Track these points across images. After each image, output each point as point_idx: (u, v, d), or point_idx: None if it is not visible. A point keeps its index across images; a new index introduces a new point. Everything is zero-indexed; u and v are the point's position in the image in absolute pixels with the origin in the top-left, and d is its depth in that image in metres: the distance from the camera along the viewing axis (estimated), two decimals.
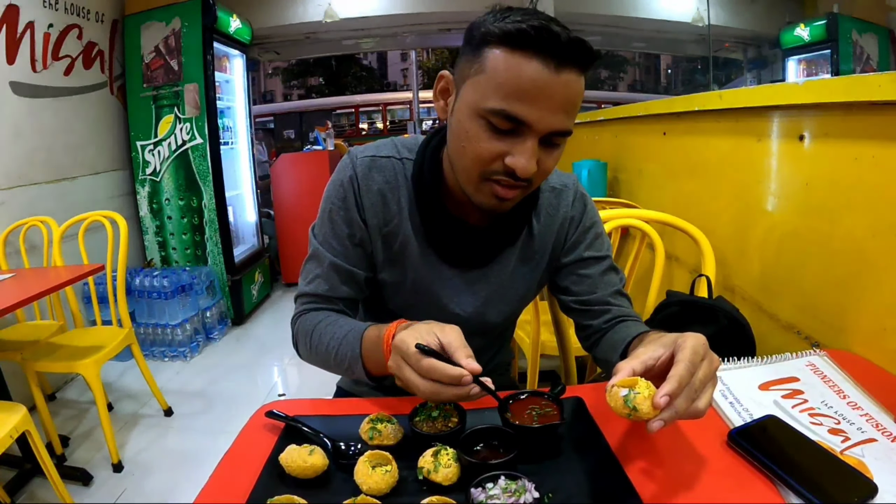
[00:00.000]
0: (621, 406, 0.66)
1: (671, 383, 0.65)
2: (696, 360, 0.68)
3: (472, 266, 1.03)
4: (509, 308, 1.09)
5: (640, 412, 0.65)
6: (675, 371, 0.66)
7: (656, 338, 0.78)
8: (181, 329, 3.36)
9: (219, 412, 2.81)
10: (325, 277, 1.01)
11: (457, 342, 0.74)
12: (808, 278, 1.28)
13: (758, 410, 0.87)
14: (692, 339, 0.71)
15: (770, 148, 1.42)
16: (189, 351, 3.40)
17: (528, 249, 1.05)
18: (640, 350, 0.74)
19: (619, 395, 0.67)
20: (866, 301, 1.10)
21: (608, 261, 1.08)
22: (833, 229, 1.19)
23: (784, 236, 1.38)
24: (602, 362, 1.06)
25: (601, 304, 1.05)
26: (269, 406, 0.94)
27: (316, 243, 1.02)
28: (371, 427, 0.81)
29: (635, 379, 0.68)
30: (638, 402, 0.65)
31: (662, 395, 0.64)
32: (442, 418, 0.82)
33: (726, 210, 1.66)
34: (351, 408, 0.95)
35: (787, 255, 1.36)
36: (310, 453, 0.74)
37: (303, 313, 1.04)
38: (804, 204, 1.29)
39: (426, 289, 1.03)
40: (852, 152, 1.12)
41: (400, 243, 1.00)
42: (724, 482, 0.74)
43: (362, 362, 0.90)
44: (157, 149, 3.74)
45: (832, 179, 1.19)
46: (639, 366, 0.71)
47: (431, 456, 0.73)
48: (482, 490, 0.66)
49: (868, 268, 1.09)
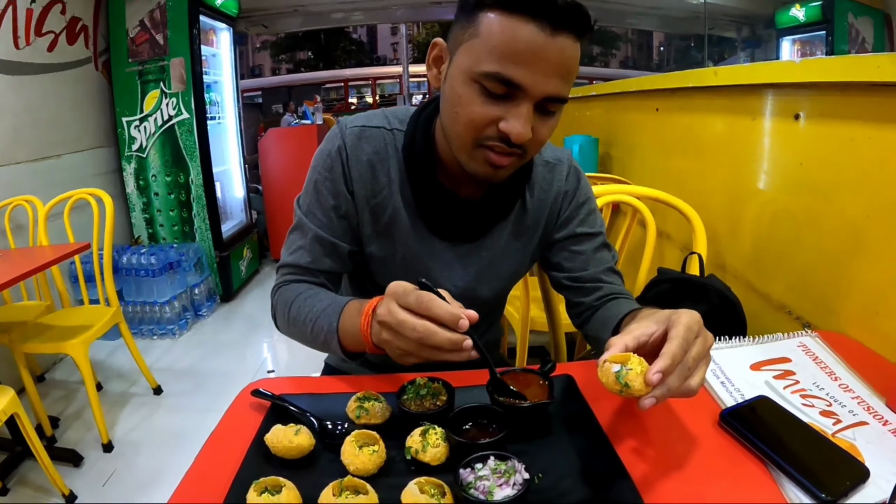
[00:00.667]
0: (613, 382, 0.65)
1: (664, 360, 0.63)
2: (689, 338, 0.67)
3: (463, 240, 1.01)
4: (501, 283, 1.08)
5: (632, 389, 0.63)
6: (669, 348, 0.65)
7: (649, 314, 0.76)
8: (169, 307, 3.33)
9: (208, 390, 2.80)
10: (308, 249, 0.99)
11: (450, 297, 0.72)
12: (801, 258, 1.27)
13: (749, 391, 0.87)
14: (686, 315, 0.69)
15: (764, 126, 1.41)
16: (178, 328, 3.38)
17: (520, 224, 1.03)
18: (632, 326, 0.73)
19: (611, 370, 0.65)
20: (859, 283, 1.10)
21: (601, 237, 1.07)
22: (827, 210, 1.18)
23: (777, 215, 1.37)
24: (593, 340, 1.05)
25: (593, 282, 1.04)
26: (255, 384, 0.92)
27: (300, 214, 1.00)
28: (358, 406, 0.80)
29: (628, 355, 0.67)
30: (630, 379, 0.64)
31: (655, 372, 0.62)
32: (430, 397, 0.81)
33: (719, 188, 1.65)
34: (338, 386, 0.93)
35: (780, 234, 1.35)
36: (296, 433, 0.73)
37: (283, 284, 1.02)
38: (798, 184, 1.28)
39: (416, 263, 1.01)
40: (848, 133, 1.10)
41: (389, 216, 0.98)
42: (716, 462, 0.73)
43: (338, 337, 0.87)
44: (142, 125, 3.67)
45: (827, 159, 1.18)
46: (631, 341, 0.69)
47: (419, 436, 0.72)
48: (471, 471, 0.65)
49: (861, 249, 1.08)
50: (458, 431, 0.75)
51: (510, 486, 0.62)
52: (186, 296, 3.52)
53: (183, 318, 3.44)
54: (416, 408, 0.79)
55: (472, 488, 0.62)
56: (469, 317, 0.68)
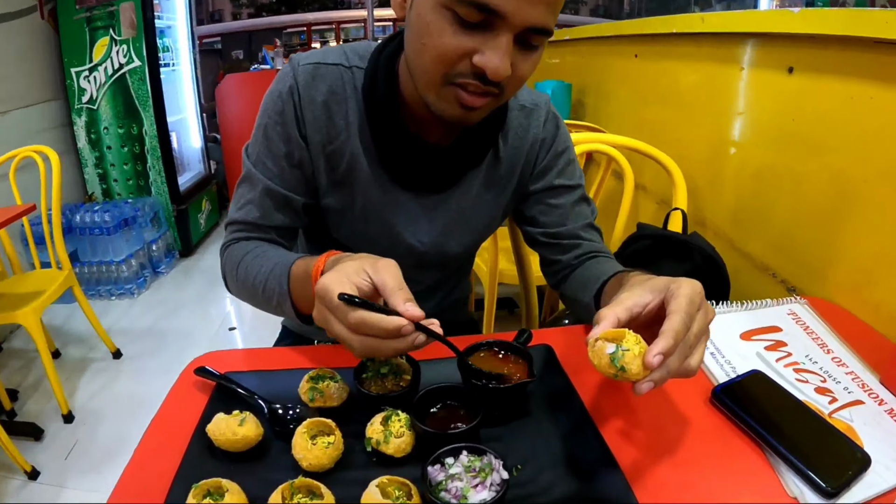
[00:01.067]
0: (607, 365, 0.56)
1: (666, 339, 0.55)
2: (692, 312, 0.59)
3: (430, 191, 0.92)
4: (471, 238, 1.00)
5: (629, 373, 0.55)
6: (670, 324, 0.56)
7: (642, 280, 0.67)
8: (126, 265, 3.18)
9: (169, 350, 2.71)
10: (257, 203, 0.89)
11: (393, 282, 0.62)
12: (788, 219, 1.21)
13: (741, 363, 0.81)
14: (687, 286, 0.60)
15: (754, 78, 1.33)
16: (136, 287, 3.24)
17: (493, 173, 0.94)
18: (624, 295, 0.63)
19: (605, 351, 0.57)
20: (851, 249, 1.04)
21: (580, 190, 0.99)
22: (819, 170, 1.11)
23: (763, 172, 1.30)
24: (570, 301, 0.98)
25: (571, 238, 0.96)
26: (200, 360, 0.84)
27: (249, 164, 0.90)
28: (311, 387, 0.71)
29: (622, 332, 0.58)
30: (627, 362, 0.55)
31: (656, 354, 0.54)
32: (392, 376, 0.72)
33: (700, 140, 1.57)
34: (292, 359, 0.84)
35: (766, 192, 1.29)
36: (240, 423, 0.64)
37: (231, 243, 0.93)
38: (788, 140, 1.21)
39: (377, 216, 0.92)
40: (847, 90, 1.03)
41: (347, 164, 0.88)
42: (710, 446, 0.68)
43: (291, 300, 0.78)
44: (92, 75, 3.44)
45: (822, 117, 1.11)
46: (624, 313, 0.60)
47: (381, 423, 0.64)
48: (441, 468, 0.57)
49: (855, 214, 1.02)
50: (426, 416, 0.67)
51: (486, 487, 0.55)
52: (144, 253, 3.37)
53: (141, 276, 3.30)
54: (376, 389, 0.71)
55: (442, 490, 0.55)
56: (412, 317, 0.60)
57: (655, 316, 0.62)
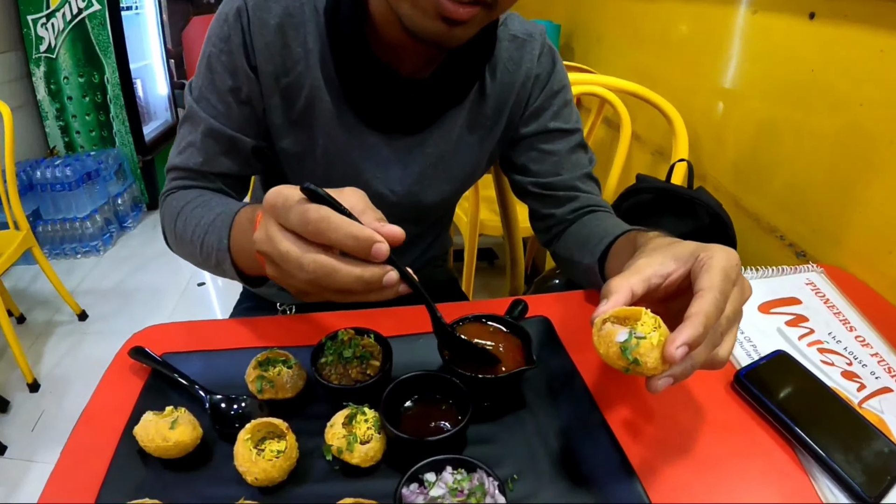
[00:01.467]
0: (616, 355, 0.45)
1: (694, 326, 0.43)
2: (727, 290, 0.47)
3: (404, 132, 0.80)
4: (451, 187, 0.88)
5: (644, 367, 0.44)
6: (700, 306, 0.45)
7: (663, 244, 0.54)
8: (91, 221, 3.02)
9: (136, 309, 2.59)
10: (199, 146, 0.77)
11: (359, 204, 0.50)
12: (800, 178, 1.11)
13: (762, 341, 0.72)
14: (722, 255, 0.48)
15: (768, 22, 1.20)
16: (102, 244, 3.09)
17: (478, 112, 0.82)
18: (641, 262, 0.51)
19: (615, 338, 0.45)
20: (872, 214, 0.94)
21: (578, 136, 0.87)
22: (840, 127, 1.01)
23: (774, 125, 1.19)
24: (564, 261, 0.87)
25: (566, 189, 0.86)
26: (138, 337, 0.72)
27: (191, 100, 0.78)
28: (259, 375, 0.59)
29: (637, 310, 0.46)
30: (642, 353, 0.44)
31: (680, 345, 0.43)
32: (357, 362, 0.60)
33: (704, 88, 1.45)
34: (244, 335, 0.72)
35: (777, 147, 1.18)
36: (172, 426, 0.52)
37: (170, 192, 0.81)
38: (805, 92, 1.09)
39: (342, 161, 0.80)
40: (878, 43, 0.92)
41: (305, 99, 0.76)
42: (733, 440, 0.59)
43: (231, 257, 0.66)
44: (50, 21, 3.20)
45: (846, 70, 0.99)
46: (640, 286, 0.49)
47: (343, 425, 0.52)
48: (419, 488, 0.47)
49: (879, 178, 0.92)
50: (399, 412, 0.56)
51: None
52: (109, 207, 3.20)
53: (107, 232, 3.15)
54: (338, 378, 0.59)
55: None
56: (390, 235, 0.47)
57: (678, 289, 0.51)
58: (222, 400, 0.59)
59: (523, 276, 1.51)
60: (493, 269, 2.59)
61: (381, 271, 0.47)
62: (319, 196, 0.46)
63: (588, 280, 0.79)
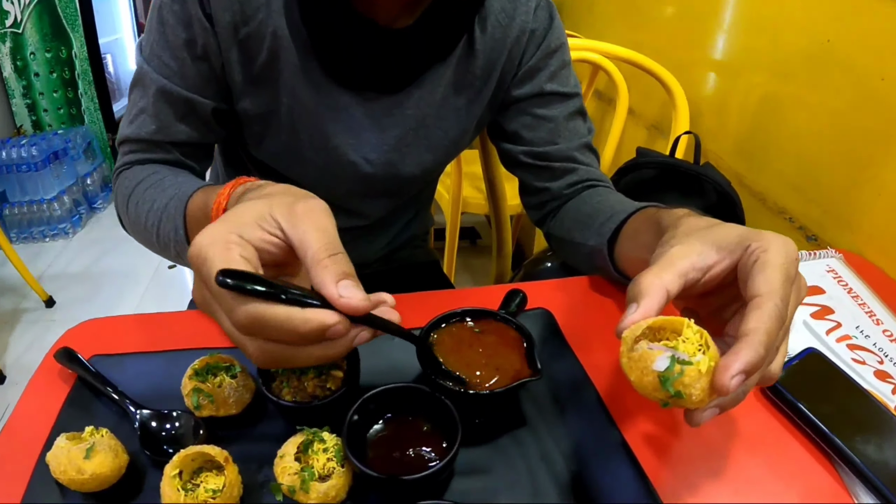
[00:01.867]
0: (653, 386, 0.35)
1: (753, 348, 0.34)
2: (788, 296, 0.38)
3: (380, 90, 0.71)
4: (433, 156, 0.79)
5: (687, 399, 0.34)
6: (760, 321, 0.36)
7: (699, 227, 0.44)
8: (59, 203, 2.90)
9: (105, 295, 2.50)
10: (152, 112, 0.68)
11: (318, 244, 0.39)
12: (811, 156, 1.03)
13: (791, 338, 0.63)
14: (779, 247, 0.39)
15: None
16: (70, 226, 2.97)
17: (465, 71, 0.73)
18: (675, 251, 0.41)
19: (653, 365, 0.35)
20: (891, 197, 0.87)
21: (577, 101, 0.79)
22: (857, 102, 0.93)
23: (783, 100, 1.11)
24: (561, 243, 0.78)
25: (563, 160, 0.78)
26: (68, 336, 0.63)
27: (141, 60, 0.68)
28: (195, 388, 0.48)
29: (677, 321, 0.37)
30: (687, 383, 0.34)
31: (736, 374, 0.34)
32: (315, 372, 0.49)
33: (704, 60, 1.36)
34: (193, 332, 0.62)
35: (785, 122, 1.10)
36: (86, 454, 0.43)
37: (123, 169, 0.72)
38: (820, 65, 1.01)
39: (309, 124, 0.71)
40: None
41: (268, 52, 0.67)
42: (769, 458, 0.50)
43: None
44: None
45: (866, 41, 0.91)
46: (675, 282, 0.39)
47: (295, 457, 0.42)
48: None
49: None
50: (367, 439, 0.46)
51: None
52: (78, 188, 3.07)
53: (76, 213, 3.02)
54: (291, 393, 0.48)
55: None
56: (349, 308, 0.37)
57: (719, 284, 0.42)
58: (153, 417, 0.49)
59: (511, 258, 1.42)
60: (475, 249, 2.51)
61: (345, 342, 0.39)
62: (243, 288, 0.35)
63: (592, 264, 0.70)
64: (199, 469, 0.43)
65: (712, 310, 0.42)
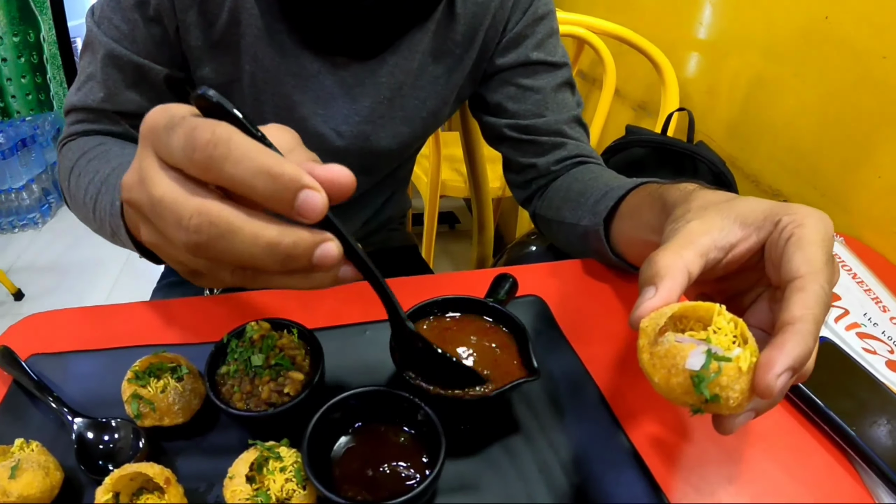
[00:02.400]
0: (683, 389, 0.30)
1: (802, 338, 0.30)
2: (832, 277, 0.33)
3: (352, 56, 0.66)
4: (410, 129, 0.74)
5: (725, 404, 0.29)
6: (806, 306, 0.30)
7: (717, 200, 0.39)
8: (27, 191, 2.82)
9: (77, 285, 2.45)
10: (100, 78, 0.63)
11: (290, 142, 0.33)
12: (807, 138, 1.00)
13: None
14: (816, 222, 0.34)
15: None
16: (40, 216, 2.89)
17: (445, 37, 0.69)
18: (694, 226, 0.36)
19: (686, 364, 0.29)
20: (893, 181, 0.84)
21: (566, 71, 0.75)
22: (856, 82, 0.89)
23: (779, 79, 1.07)
24: (549, 223, 0.73)
25: (551, 134, 0.73)
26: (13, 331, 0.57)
27: (91, 23, 0.63)
28: (134, 393, 0.42)
29: (708, 307, 0.31)
30: (724, 385, 0.29)
31: (783, 371, 0.29)
32: (271, 374, 0.43)
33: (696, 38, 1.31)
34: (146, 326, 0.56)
35: (780, 102, 1.06)
36: (12, 473, 0.37)
37: (67, 140, 0.67)
38: (816, 43, 0.98)
39: (273, 93, 0.66)
40: None
41: (229, 14, 0.62)
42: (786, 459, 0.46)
43: (123, 221, 0.47)
44: None
45: (867, 18, 0.88)
46: (696, 262, 0.34)
47: (247, 478, 0.36)
48: None
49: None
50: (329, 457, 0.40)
51: None
52: (47, 176, 2.99)
53: (45, 202, 2.95)
54: (243, 399, 0.42)
55: None
56: (329, 180, 0.29)
57: (741, 265, 0.37)
58: (89, 427, 0.43)
59: (492, 242, 1.37)
60: (454, 234, 2.46)
61: (310, 238, 0.29)
62: (223, 111, 0.29)
63: (585, 247, 0.65)
64: (141, 490, 0.37)
65: (729, 296, 0.37)
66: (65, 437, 0.44)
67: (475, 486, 0.41)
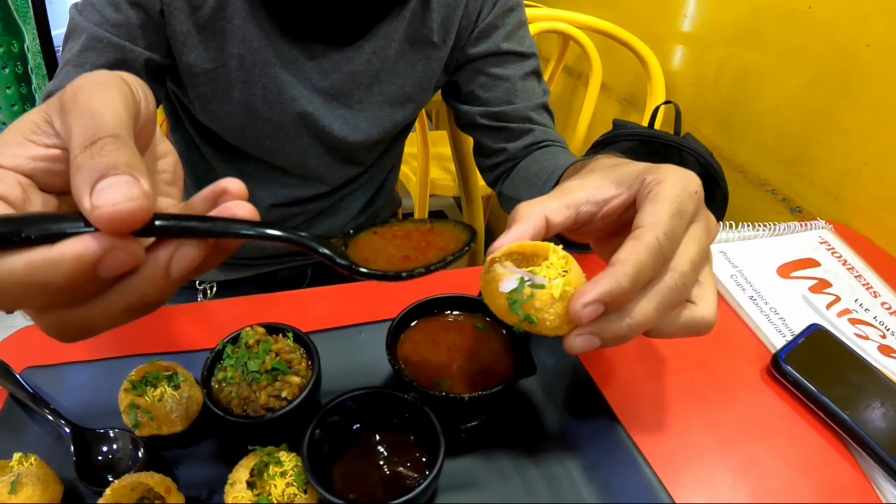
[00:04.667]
0: (503, 309, 0.34)
1: (615, 277, 0.32)
2: (678, 229, 0.34)
3: (330, 42, 0.67)
4: (388, 117, 0.75)
5: (541, 325, 0.33)
6: (632, 251, 0.32)
7: (606, 165, 0.43)
8: None
9: None
10: (76, 62, 0.61)
11: (79, 136, 0.24)
12: (793, 127, 1.00)
13: (789, 314, 0.61)
14: (675, 179, 0.36)
15: None
16: None
17: (421, 24, 0.70)
18: (571, 183, 0.40)
19: (502, 285, 0.33)
20: (879, 167, 0.84)
21: (533, 62, 0.77)
22: (842, 71, 0.89)
23: (764, 69, 1.07)
24: (510, 201, 0.77)
25: (520, 121, 0.76)
26: (9, 342, 0.56)
27: (74, 13, 0.62)
28: (131, 403, 0.42)
29: (542, 246, 0.35)
30: (538, 308, 0.32)
31: (591, 302, 0.31)
32: (268, 379, 0.42)
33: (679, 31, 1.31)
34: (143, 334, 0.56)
35: (767, 93, 1.06)
36: (11, 489, 0.37)
37: None
38: (800, 32, 0.97)
39: (262, 75, 0.67)
40: None
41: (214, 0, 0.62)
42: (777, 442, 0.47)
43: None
44: None
45: (851, 7, 0.88)
46: (559, 211, 0.37)
47: (248, 484, 0.36)
48: None
49: (888, 127, 0.82)
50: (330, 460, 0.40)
51: None
52: None
53: None
54: (241, 405, 0.42)
55: None
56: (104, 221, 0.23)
57: (622, 223, 0.39)
58: (88, 438, 0.43)
59: (483, 240, 1.37)
60: None
61: (151, 275, 0.25)
62: None
63: None
64: (141, 500, 0.37)
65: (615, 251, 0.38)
66: (63, 449, 0.43)
67: (475, 484, 0.41)
